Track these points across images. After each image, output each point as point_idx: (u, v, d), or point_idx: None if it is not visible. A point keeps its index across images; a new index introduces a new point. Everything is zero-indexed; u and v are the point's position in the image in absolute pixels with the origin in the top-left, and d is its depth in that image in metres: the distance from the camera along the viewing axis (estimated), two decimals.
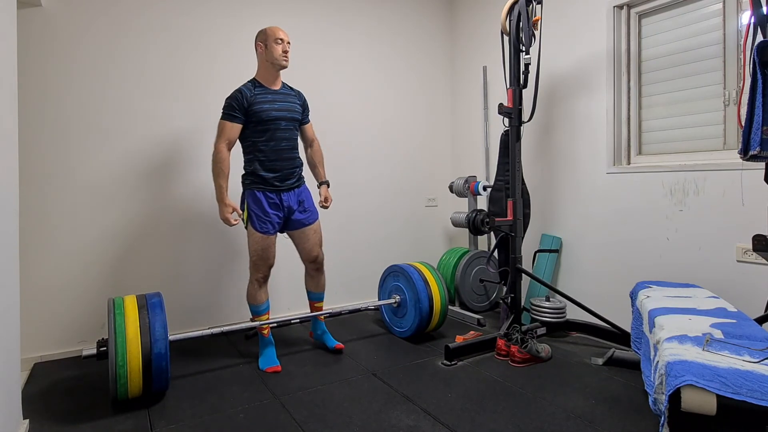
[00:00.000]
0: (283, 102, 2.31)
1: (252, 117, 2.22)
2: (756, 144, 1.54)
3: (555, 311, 2.64)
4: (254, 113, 2.21)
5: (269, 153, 2.27)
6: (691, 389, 1.15)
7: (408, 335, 2.64)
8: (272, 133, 2.26)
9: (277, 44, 2.24)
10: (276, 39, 2.24)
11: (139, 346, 1.80)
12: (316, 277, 2.52)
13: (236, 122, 2.21)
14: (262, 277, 2.31)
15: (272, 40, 2.24)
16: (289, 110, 2.33)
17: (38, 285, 2.38)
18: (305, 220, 2.40)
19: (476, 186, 3.20)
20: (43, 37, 2.37)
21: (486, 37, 3.45)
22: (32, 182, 2.35)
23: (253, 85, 2.27)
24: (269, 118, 2.24)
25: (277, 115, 2.27)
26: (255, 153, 2.28)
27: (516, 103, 2.58)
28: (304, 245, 2.43)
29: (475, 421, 1.73)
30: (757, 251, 1.85)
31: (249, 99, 2.21)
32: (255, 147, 2.27)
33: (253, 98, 2.22)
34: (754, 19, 1.64)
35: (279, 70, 2.30)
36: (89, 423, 1.77)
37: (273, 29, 2.27)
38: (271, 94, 2.28)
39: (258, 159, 2.27)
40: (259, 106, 2.22)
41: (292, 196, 2.36)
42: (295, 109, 2.36)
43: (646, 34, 2.57)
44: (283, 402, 1.91)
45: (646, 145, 2.60)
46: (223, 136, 2.20)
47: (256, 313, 2.35)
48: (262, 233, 2.26)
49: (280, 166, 2.30)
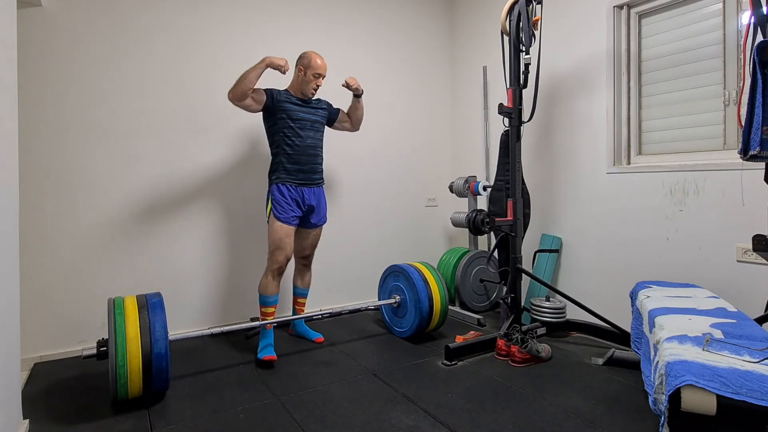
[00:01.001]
0: (311, 108, 2.54)
1: (280, 113, 2.43)
2: (756, 144, 1.54)
3: (555, 311, 2.64)
4: (283, 110, 2.43)
5: (295, 147, 2.46)
6: (691, 389, 1.15)
7: (408, 335, 2.64)
8: (299, 130, 2.46)
9: (314, 78, 2.46)
10: (315, 73, 2.45)
11: (139, 346, 1.80)
12: (303, 272, 2.72)
13: (263, 95, 2.41)
14: (277, 269, 2.42)
15: (311, 72, 2.45)
16: (314, 114, 2.55)
17: (38, 285, 2.38)
18: (317, 223, 2.61)
19: (476, 186, 3.20)
20: (43, 37, 2.36)
21: (486, 37, 3.45)
22: (32, 182, 2.35)
23: (285, 92, 2.50)
24: (297, 117, 2.46)
25: (303, 116, 2.49)
26: (283, 147, 2.46)
27: (516, 103, 2.58)
28: (303, 242, 2.62)
29: (475, 421, 1.73)
30: (757, 251, 1.85)
31: (278, 97, 2.45)
32: (283, 141, 2.45)
33: (285, 98, 2.46)
34: (754, 19, 1.64)
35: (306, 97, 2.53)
36: (89, 423, 1.77)
37: (316, 62, 2.45)
38: (300, 103, 2.51)
39: (285, 153, 2.45)
40: (288, 105, 2.46)
41: (313, 194, 2.53)
42: (318, 113, 2.58)
43: (646, 34, 2.57)
44: (283, 402, 1.91)
45: (646, 145, 2.60)
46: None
47: (265, 304, 2.43)
48: (282, 222, 2.41)
49: (304, 160, 2.48)
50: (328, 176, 3.16)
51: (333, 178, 3.25)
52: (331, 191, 3.24)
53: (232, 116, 2.85)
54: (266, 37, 2.98)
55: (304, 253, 2.66)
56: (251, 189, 2.93)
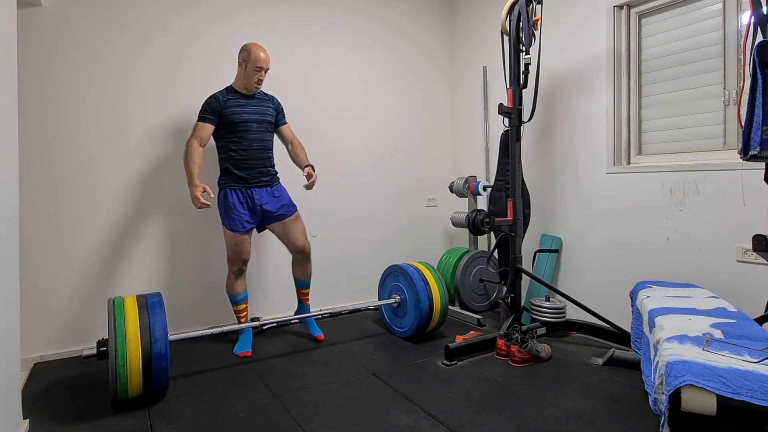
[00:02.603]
0: (256, 106, 2.49)
1: (224, 119, 2.40)
2: (756, 144, 1.54)
3: (555, 311, 2.64)
4: (226, 116, 2.40)
5: (241, 152, 2.44)
6: (691, 389, 1.15)
7: (408, 335, 2.64)
8: (244, 134, 2.44)
9: (255, 71, 2.40)
10: (256, 66, 2.38)
11: (139, 346, 1.80)
12: (303, 264, 2.67)
13: (207, 123, 2.39)
14: (237, 270, 2.50)
15: (252, 66, 2.38)
16: (262, 113, 2.50)
17: (38, 285, 2.38)
18: (284, 213, 2.55)
19: (476, 186, 3.20)
20: (43, 37, 2.36)
21: (486, 37, 3.45)
22: (32, 183, 2.35)
23: (228, 91, 2.46)
24: (240, 120, 2.42)
25: (248, 118, 2.44)
26: (228, 153, 2.45)
27: (516, 103, 2.58)
28: (288, 236, 2.59)
29: (475, 421, 1.73)
30: (757, 251, 1.85)
31: (222, 103, 2.40)
32: (228, 147, 2.45)
33: (226, 102, 2.41)
34: (754, 19, 1.64)
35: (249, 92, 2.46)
36: (89, 423, 1.77)
37: (256, 54, 2.38)
38: (244, 99, 2.46)
39: (231, 158, 2.45)
40: (232, 109, 2.41)
41: (264, 193, 2.51)
42: (267, 113, 2.53)
43: (646, 34, 2.57)
44: (283, 402, 1.91)
45: (646, 145, 2.60)
46: (195, 133, 2.38)
47: (234, 303, 2.55)
48: (231, 230, 2.44)
49: (251, 165, 2.46)
50: (327, 176, 3.17)
51: (333, 178, 3.25)
52: (331, 191, 3.24)
53: None
54: (265, 37, 2.98)
55: (298, 245, 2.59)
56: None
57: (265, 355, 2.45)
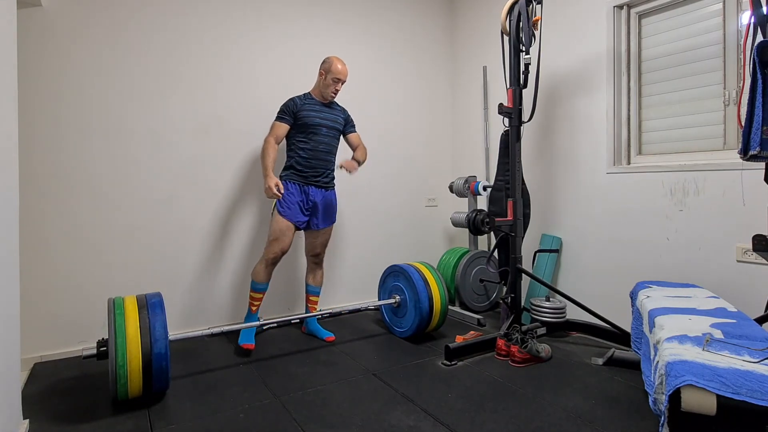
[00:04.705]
0: (328, 113, 2.68)
1: (299, 121, 2.59)
2: (756, 144, 1.54)
3: (555, 311, 2.64)
4: (301, 118, 2.59)
5: (308, 151, 2.61)
6: (691, 389, 1.15)
7: (408, 335, 2.64)
8: (313, 135, 2.61)
9: (333, 82, 2.61)
10: (334, 78, 2.59)
11: (139, 346, 1.80)
12: (314, 270, 2.81)
13: (284, 122, 2.58)
14: (272, 259, 2.55)
15: (331, 77, 2.59)
16: (333, 120, 2.69)
17: (38, 285, 2.38)
18: (325, 223, 2.73)
19: (476, 186, 3.20)
20: (43, 36, 2.36)
21: (486, 37, 3.45)
22: (32, 182, 2.35)
23: (306, 96, 2.66)
24: (313, 123, 2.60)
25: (319, 122, 2.63)
26: (296, 151, 2.62)
27: (516, 103, 2.58)
28: (313, 241, 2.75)
29: (475, 421, 1.73)
30: (757, 251, 1.85)
31: (299, 106, 2.60)
32: (297, 146, 2.62)
33: (303, 106, 2.60)
34: (754, 19, 1.64)
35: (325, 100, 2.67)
36: (89, 423, 1.77)
37: (337, 67, 2.58)
38: (319, 105, 2.66)
39: (297, 156, 2.62)
40: (307, 113, 2.60)
41: (319, 193, 2.65)
42: (338, 120, 2.73)
43: (646, 34, 2.57)
44: (283, 402, 1.91)
45: (646, 145, 2.60)
46: (272, 132, 2.58)
47: (255, 290, 2.59)
48: (282, 215, 2.54)
49: (314, 164, 2.63)
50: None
51: None
52: None
53: (232, 117, 2.85)
54: (266, 37, 2.99)
55: (315, 251, 2.76)
56: (251, 189, 2.93)
57: (266, 355, 2.45)
